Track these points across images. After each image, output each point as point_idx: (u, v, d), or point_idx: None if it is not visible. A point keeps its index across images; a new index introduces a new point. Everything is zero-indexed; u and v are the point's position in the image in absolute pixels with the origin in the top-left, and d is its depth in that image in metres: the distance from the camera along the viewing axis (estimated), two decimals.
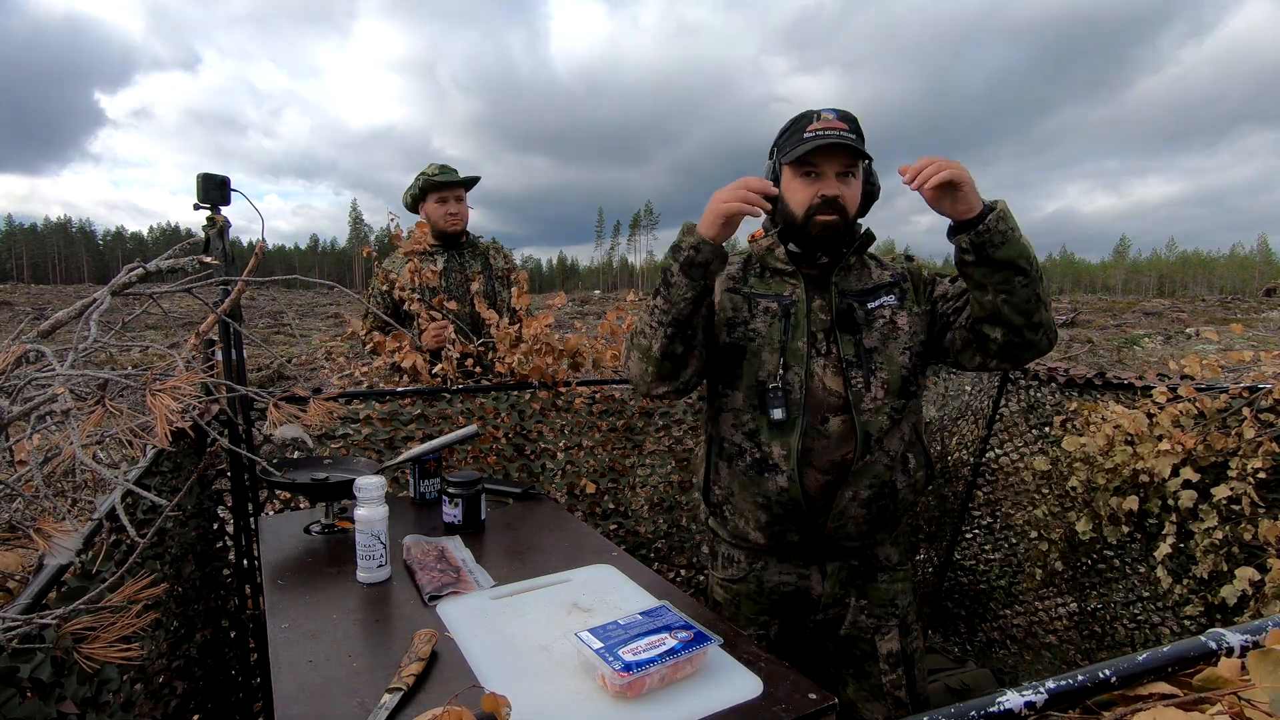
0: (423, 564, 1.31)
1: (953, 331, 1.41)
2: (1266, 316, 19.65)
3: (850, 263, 1.45)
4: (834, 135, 1.33)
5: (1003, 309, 1.28)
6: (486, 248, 2.84)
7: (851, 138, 1.34)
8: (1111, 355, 12.83)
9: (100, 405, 0.87)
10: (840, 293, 1.43)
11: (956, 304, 1.41)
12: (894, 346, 1.41)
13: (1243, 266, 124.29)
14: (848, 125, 1.35)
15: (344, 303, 25.16)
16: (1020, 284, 1.25)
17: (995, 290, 1.27)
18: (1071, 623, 2.30)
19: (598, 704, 0.90)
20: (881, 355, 1.40)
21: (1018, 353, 1.33)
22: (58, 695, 0.80)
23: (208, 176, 1.76)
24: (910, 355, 1.42)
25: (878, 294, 1.44)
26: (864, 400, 1.37)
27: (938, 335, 1.45)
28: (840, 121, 1.35)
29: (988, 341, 1.34)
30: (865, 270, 1.47)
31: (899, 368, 1.40)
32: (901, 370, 1.40)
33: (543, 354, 2.26)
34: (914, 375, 1.43)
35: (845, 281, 1.44)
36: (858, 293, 1.43)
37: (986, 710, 0.55)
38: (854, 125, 1.36)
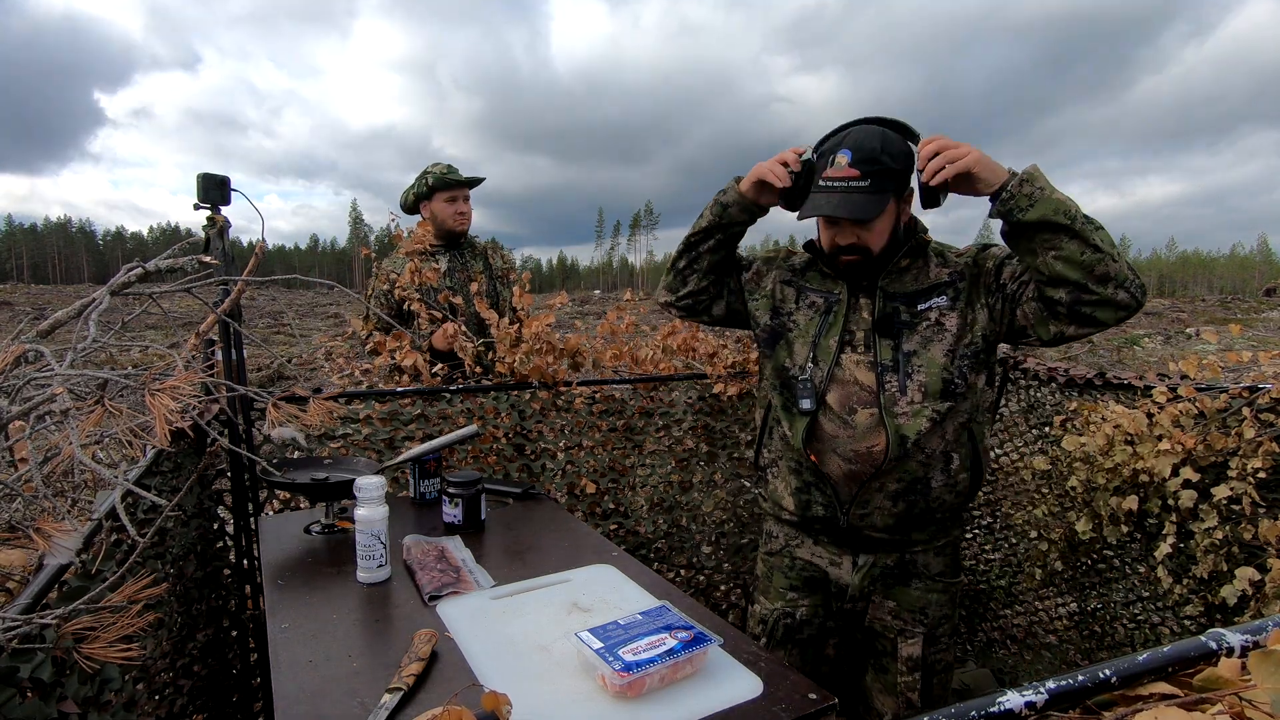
0: (423, 564, 1.31)
1: (1023, 306, 1.36)
2: (1266, 316, 19.65)
3: (901, 265, 1.43)
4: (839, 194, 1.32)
5: (1057, 266, 1.24)
6: (485, 247, 2.84)
7: (863, 186, 1.30)
8: (1111, 355, 12.83)
9: (100, 405, 0.87)
10: (888, 295, 1.42)
11: (1023, 278, 1.36)
12: (936, 348, 1.38)
13: (1243, 266, 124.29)
14: (861, 171, 1.30)
15: (344, 303, 25.17)
16: (1066, 239, 1.22)
17: (1044, 250, 1.25)
18: (1071, 623, 2.30)
19: (598, 704, 0.90)
20: (921, 358, 1.38)
21: (1090, 310, 1.26)
22: (58, 695, 0.80)
23: (208, 176, 1.76)
24: (955, 356, 1.38)
25: (930, 295, 1.41)
26: (898, 404, 1.38)
27: (1011, 315, 1.38)
28: (854, 167, 1.30)
29: (1056, 305, 1.28)
30: (922, 269, 1.44)
31: (939, 369, 1.37)
32: (942, 372, 1.38)
33: (543, 354, 2.26)
34: (961, 376, 1.39)
35: (897, 283, 1.43)
36: (909, 294, 1.42)
37: (986, 710, 0.55)
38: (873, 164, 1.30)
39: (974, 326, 1.40)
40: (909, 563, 1.49)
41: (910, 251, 1.43)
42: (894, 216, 1.39)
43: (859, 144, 1.32)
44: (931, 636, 1.48)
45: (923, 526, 1.45)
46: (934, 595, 1.49)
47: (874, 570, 1.49)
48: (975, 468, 1.43)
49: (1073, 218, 1.22)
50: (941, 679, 1.51)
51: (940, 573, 1.50)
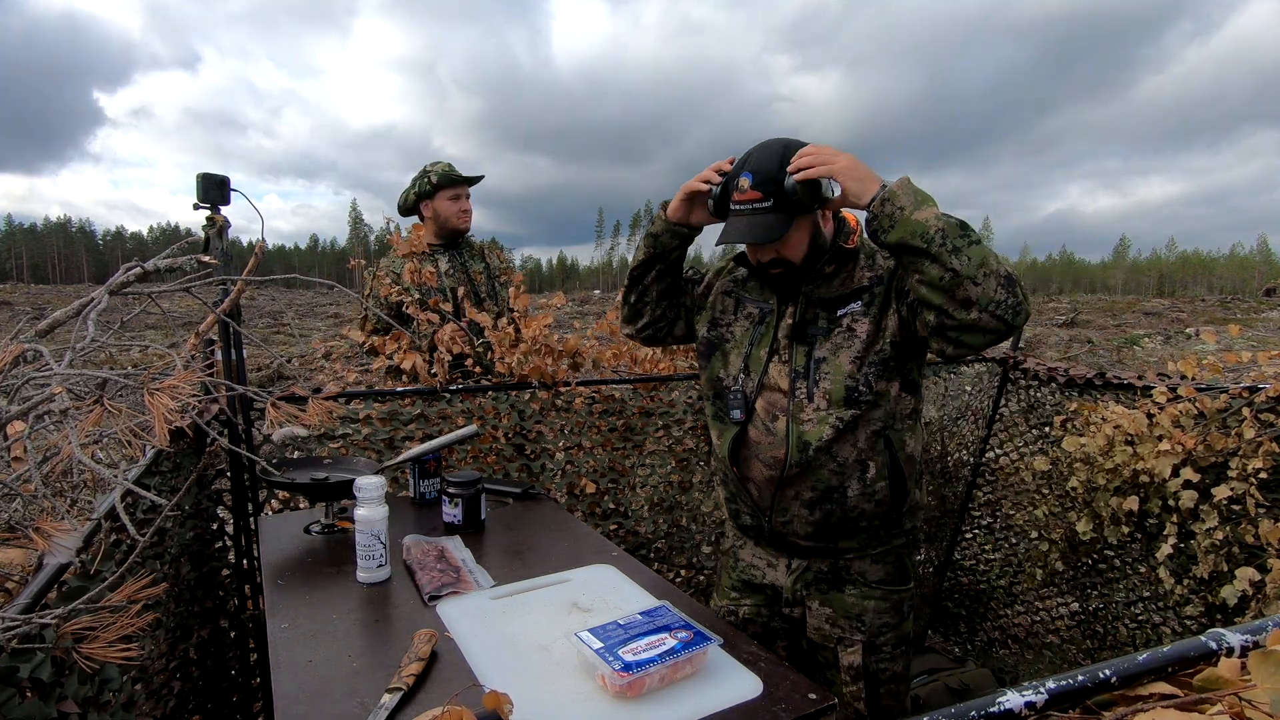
0: (422, 564, 1.31)
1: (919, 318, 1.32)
2: (1266, 316, 19.66)
3: (826, 271, 1.42)
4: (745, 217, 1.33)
5: (920, 290, 1.22)
6: (483, 247, 2.83)
7: (767, 207, 1.31)
8: (1111, 355, 12.83)
9: (99, 405, 0.87)
10: (810, 301, 1.42)
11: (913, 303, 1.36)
12: (845, 355, 1.37)
13: (1242, 266, 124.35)
14: (763, 193, 1.31)
15: (344, 302, 25.17)
16: (926, 262, 1.19)
17: (910, 271, 1.24)
18: (1072, 622, 2.30)
19: (598, 704, 0.90)
20: (829, 365, 1.38)
21: (956, 334, 1.22)
22: (58, 695, 0.80)
23: (207, 176, 1.76)
24: (863, 363, 1.37)
25: (848, 300, 1.40)
26: (805, 410, 1.38)
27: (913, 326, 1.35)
28: (755, 189, 1.32)
29: (929, 326, 1.26)
30: (849, 275, 1.42)
31: (844, 376, 1.36)
32: (846, 380, 1.36)
33: (542, 354, 2.26)
34: (867, 383, 1.36)
35: (822, 289, 1.42)
36: (830, 300, 1.41)
37: (986, 710, 0.55)
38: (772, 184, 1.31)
39: (885, 333, 1.37)
40: (842, 569, 1.47)
41: (835, 257, 1.41)
42: (810, 227, 1.38)
43: (758, 166, 1.32)
44: (872, 645, 1.45)
45: (849, 535, 1.43)
46: (871, 602, 1.46)
47: (806, 574, 1.48)
48: (895, 476, 1.39)
49: (929, 240, 1.18)
50: (891, 690, 1.47)
51: (880, 580, 1.47)
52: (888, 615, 1.46)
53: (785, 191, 1.29)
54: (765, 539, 1.52)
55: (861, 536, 1.44)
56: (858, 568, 1.46)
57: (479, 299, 2.68)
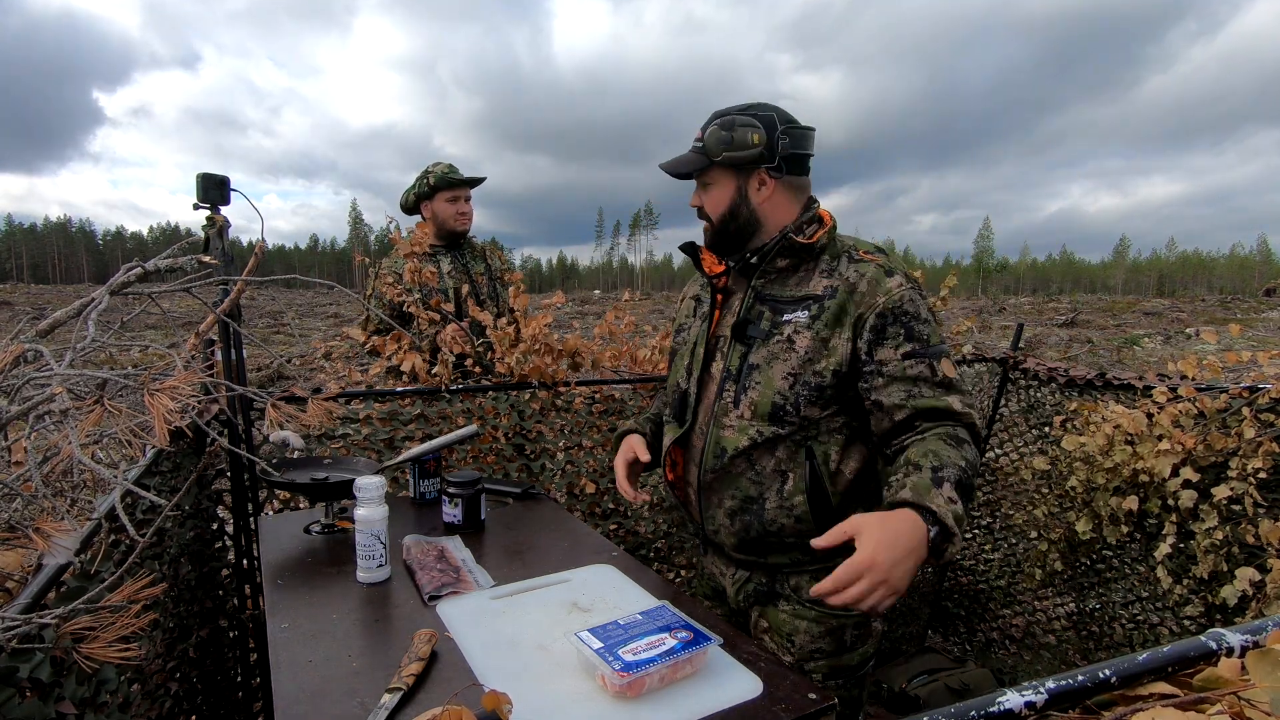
0: (422, 564, 1.31)
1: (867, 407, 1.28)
2: (1266, 316, 19.66)
3: (779, 265, 1.34)
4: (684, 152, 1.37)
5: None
6: (484, 248, 2.84)
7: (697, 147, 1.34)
8: (1111, 355, 12.83)
9: (99, 405, 0.87)
10: (760, 297, 1.35)
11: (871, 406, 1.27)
12: (779, 368, 1.28)
13: (1242, 266, 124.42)
14: (701, 135, 1.34)
15: (344, 302, 25.16)
16: None
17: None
18: (1070, 623, 2.30)
19: (598, 704, 0.90)
20: (762, 374, 1.30)
21: None
22: (57, 695, 0.80)
23: (207, 176, 1.76)
24: (796, 381, 1.27)
25: (796, 306, 1.31)
26: (729, 415, 1.33)
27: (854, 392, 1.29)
28: (700, 129, 1.35)
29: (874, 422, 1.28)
30: (808, 275, 1.33)
31: (774, 391, 1.28)
32: (775, 395, 1.28)
33: (542, 354, 2.26)
34: (795, 405, 1.27)
35: (775, 286, 1.35)
36: (780, 300, 1.33)
37: (986, 710, 0.55)
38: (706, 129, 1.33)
39: (830, 357, 1.26)
40: (779, 582, 1.39)
41: (789, 251, 1.33)
42: (732, 187, 1.34)
43: (717, 111, 1.35)
44: (799, 669, 1.32)
45: (778, 549, 1.35)
46: (803, 623, 1.34)
47: (747, 585, 1.42)
48: (816, 492, 1.29)
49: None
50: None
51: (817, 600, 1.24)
52: (821, 641, 1.33)
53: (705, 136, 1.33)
54: (710, 547, 1.48)
55: (793, 553, 1.35)
56: (794, 582, 1.37)
57: (480, 300, 2.68)
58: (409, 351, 2.24)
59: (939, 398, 1.22)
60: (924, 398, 1.22)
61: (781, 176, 1.33)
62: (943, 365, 1.24)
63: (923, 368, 1.23)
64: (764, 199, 1.34)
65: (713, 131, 1.31)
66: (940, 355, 1.25)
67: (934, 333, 1.26)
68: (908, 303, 1.25)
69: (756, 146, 1.29)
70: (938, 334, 1.26)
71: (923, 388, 1.23)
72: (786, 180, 1.34)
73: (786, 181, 1.34)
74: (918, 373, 1.23)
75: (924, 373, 1.23)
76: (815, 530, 1.27)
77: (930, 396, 1.23)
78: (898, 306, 1.25)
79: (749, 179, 1.33)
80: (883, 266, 1.28)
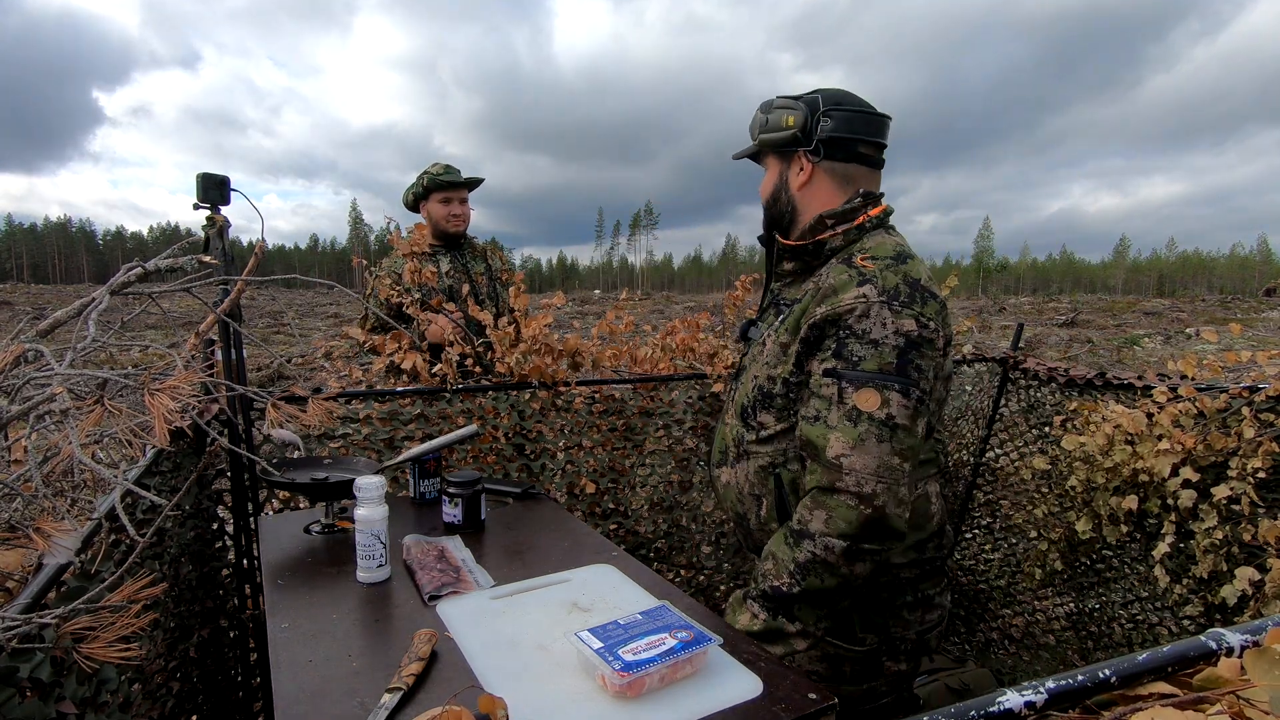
0: (422, 564, 1.31)
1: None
2: (1266, 316, 19.66)
3: (785, 269, 1.34)
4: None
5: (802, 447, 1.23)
6: (484, 248, 2.84)
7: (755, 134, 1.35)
8: (1111, 355, 12.83)
9: (99, 405, 0.87)
10: (775, 303, 1.37)
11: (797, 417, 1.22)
12: (752, 370, 1.31)
13: (1243, 266, 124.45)
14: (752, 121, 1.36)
15: (344, 302, 25.16)
16: None
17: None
18: (1070, 622, 2.30)
19: (598, 704, 0.90)
20: (745, 375, 1.34)
21: None
22: (57, 695, 0.80)
23: (207, 176, 1.76)
24: (755, 385, 1.27)
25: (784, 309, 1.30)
26: (729, 412, 1.39)
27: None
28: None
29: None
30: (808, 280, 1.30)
31: (745, 394, 1.31)
32: (744, 397, 1.30)
33: (542, 354, 2.26)
34: (753, 408, 1.26)
35: (788, 290, 1.35)
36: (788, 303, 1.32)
37: (986, 710, 0.55)
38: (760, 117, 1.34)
39: (785, 363, 1.23)
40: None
41: (791, 253, 1.32)
42: (776, 173, 1.35)
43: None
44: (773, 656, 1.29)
45: None
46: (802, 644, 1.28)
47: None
48: (785, 516, 1.25)
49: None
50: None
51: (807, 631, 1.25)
52: (818, 664, 1.27)
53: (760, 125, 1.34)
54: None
55: None
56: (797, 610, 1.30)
57: (479, 300, 2.69)
58: (409, 351, 2.24)
59: (825, 433, 1.11)
60: (816, 424, 1.14)
61: (820, 161, 1.27)
62: (859, 394, 1.10)
63: (833, 390, 1.12)
64: (802, 184, 1.30)
65: (757, 116, 1.33)
66: (863, 384, 1.10)
67: (872, 357, 1.11)
68: (855, 316, 1.13)
69: (790, 129, 1.26)
70: (878, 362, 1.11)
71: (828, 412, 1.12)
72: (827, 166, 1.27)
73: (828, 167, 1.27)
74: (829, 393, 1.13)
75: (833, 395, 1.12)
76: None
77: (819, 426, 1.13)
78: (838, 318, 1.15)
79: (789, 164, 1.32)
80: (861, 273, 1.16)
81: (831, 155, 1.26)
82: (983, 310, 25.49)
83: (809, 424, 1.15)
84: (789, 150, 1.30)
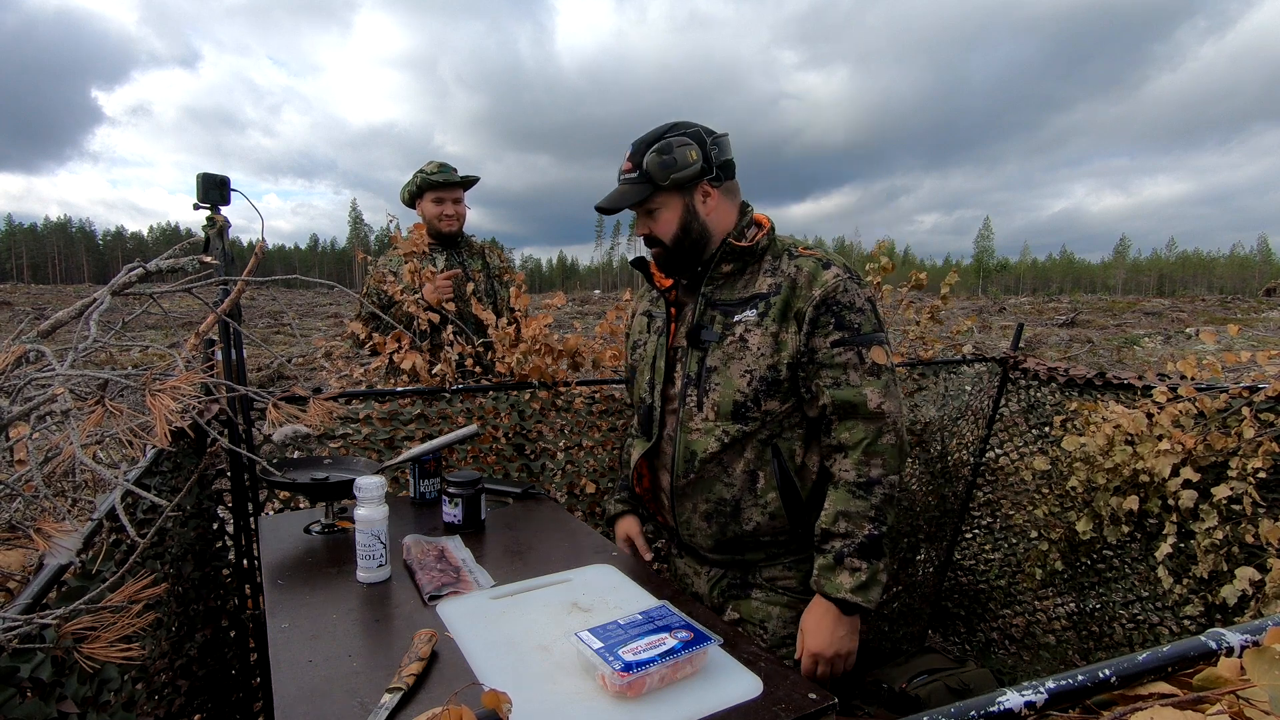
0: (422, 564, 1.32)
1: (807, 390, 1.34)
2: (1266, 316, 19.66)
3: (724, 270, 1.39)
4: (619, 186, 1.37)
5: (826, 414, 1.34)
6: (483, 246, 2.84)
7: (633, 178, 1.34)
8: (1111, 355, 12.83)
9: (100, 405, 0.87)
10: (710, 303, 1.39)
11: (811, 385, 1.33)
12: (736, 367, 1.34)
13: (1243, 266, 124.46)
14: (632, 164, 1.35)
15: (344, 303, 25.18)
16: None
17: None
18: (1071, 622, 2.30)
19: (598, 704, 0.90)
20: (720, 375, 1.35)
21: None
22: (58, 695, 0.80)
23: (207, 176, 1.76)
24: (753, 378, 1.32)
25: (744, 306, 1.35)
26: (694, 419, 1.38)
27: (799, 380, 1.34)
28: (629, 160, 1.36)
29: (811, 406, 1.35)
30: (753, 277, 1.38)
31: (734, 391, 1.33)
32: (736, 394, 1.33)
33: (542, 354, 2.26)
34: (755, 399, 1.32)
35: (723, 291, 1.39)
36: (730, 303, 1.37)
37: (986, 710, 0.55)
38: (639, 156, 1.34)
39: (782, 351, 1.32)
40: (752, 574, 1.44)
41: (732, 255, 1.38)
42: (680, 208, 1.36)
43: (639, 139, 1.36)
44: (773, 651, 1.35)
45: (753, 548, 1.41)
46: (776, 609, 1.40)
47: (722, 582, 1.47)
48: (786, 487, 1.35)
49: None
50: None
51: (791, 588, 1.41)
52: (793, 626, 1.38)
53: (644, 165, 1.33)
54: (684, 549, 1.53)
55: (769, 549, 1.41)
56: (767, 574, 1.43)
57: (477, 298, 2.69)
58: (409, 351, 2.24)
59: (858, 390, 1.28)
60: (845, 387, 1.29)
61: (720, 184, 1.38)
62: (872, 352, 1.30)
63: (850, 355, 1.29)
64: (710, 210, 1.39)
65: (651, 159, 1.32)
66: (871, 343, 1.30)
67: (866, 321, 1.31)
68: (840, 292, 1.31)
69: (696, 162, 1.33)
70: (871, 323, 1.31)
71: (850, 374, 1.29)
72: (725, 187, 1.39)
73: (725, 188, 1.39)
74: (846, 359, 1.29)
75: (851, 359, 1.29)
76: (789, 525, 1.38)
77: (852, 386, 1.29)
78: (830, 296, 1.31)
79: (693, 195, 1.37)
80: (820, 260, 1.34)
81: (728, 176, 1.39)
82: (983, 310, 25.49)
83: (836, 389, 1.30)
84: (691, 183, 1.35)
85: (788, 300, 1.33)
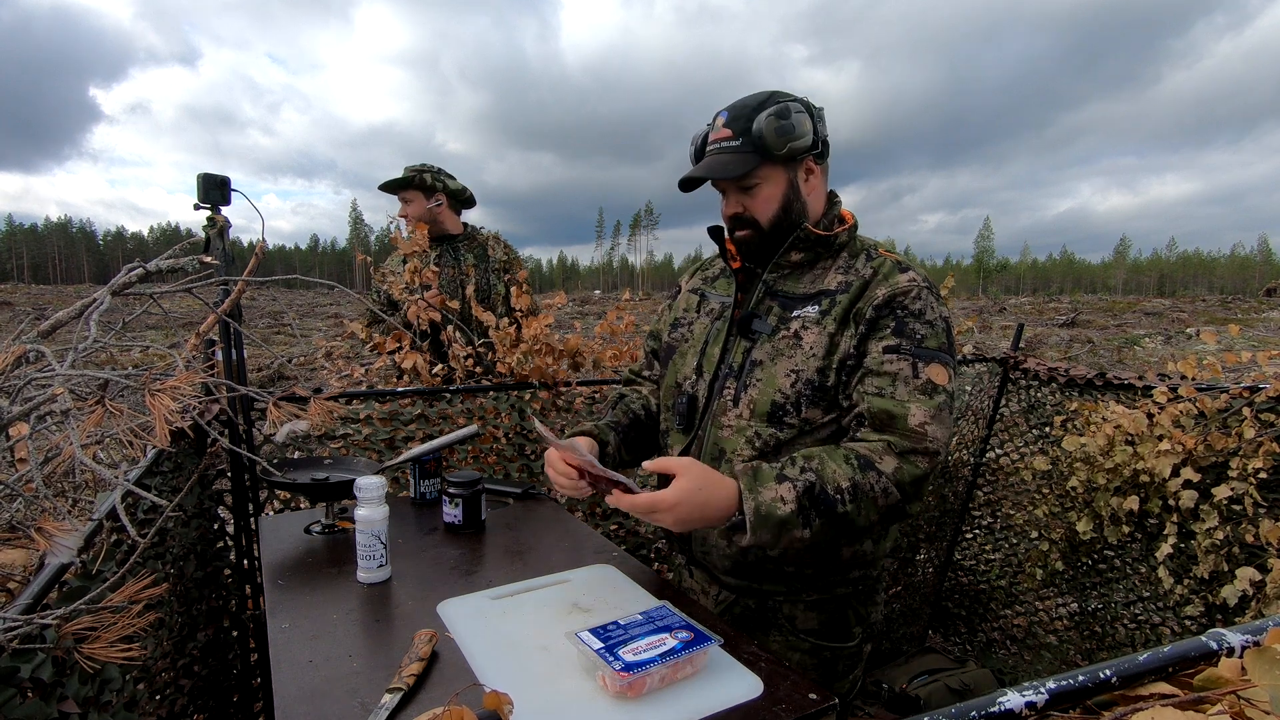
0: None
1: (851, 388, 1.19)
2: (1266, 316, 19.66)
3: (792, 259, 1.25)
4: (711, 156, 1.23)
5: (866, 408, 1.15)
6: (485, 239, 2.84)
7: (734, 146, 1.19)
8: (1112, 355, 12.83)
9: (100, 405, 0.87)
10: (770, 292, 1.26)
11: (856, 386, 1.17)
12: (783, 365, 1.20)
13: (1243, 266, 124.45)
14: (734, 130, 1.20)
15: (344, 303, 25.18)
16: None
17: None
18: (1072, 623, 2.30)
19: (598, 704, 0.90)
20: (764, 371, 1.21)
21: None
22: (59, 695, 0.80)
23: (208, 177, 1.76)
24: (798, 379, 1.18)
25: (807, 302, 1.22)
26: (727, 414, 1.24)
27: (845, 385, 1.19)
28: (727, 127, 1.21)
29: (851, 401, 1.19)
30: (824, 272, 1.24)
31: (774, 390, 1.20)
32: (776, 394, 1.19)
33: (542, 354, 2.26)
34: (795, 404, 1.18)
35: (788, 282, 1.26)
36: (792, 297, 1.24)
37: (987, 710, 0.55)
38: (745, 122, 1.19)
39: (834, 354, 1.18)
40: (771, 610, 1.31)
41: (802, 244, 1.24)
42: (784, 185, 1.22)
43: (736, 104, 1.22)
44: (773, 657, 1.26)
45: (774, 578, 1.27)
46: (795, 654, 1.29)
47: (734, 609, 1.34)
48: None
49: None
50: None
51: (812, 630, 1.29)
52: (813, 673, 1.29)
53: (753, 131, 1.18)
54: (694, 564, 1.41)
55: (791, 581, 1.27)
56: (787, 611, 1.30)
57: (477, 298, 2.69)
58: (410, 351, 2.24)
59: (903, 404, 1.11)
60: (888, 398, 1.12)
61: (823, 162, 1.26)
62: (930, 368, 1.12)
63: (904, 365, 1.12)
64: (811, 189, 1.25)
65: (767, 123, 1.16)
66: (932, 360, 1.13)
67: (933, 336, 1.14)
68: (910, 298, 1.15)
69: (809, 133, 1.20)
70: (939, 340, 1.15)
71: (898, 387, 1.12)
72: (824, 166, 1.27)
73: (825, 168, 1.27)
74: (897, 370, 1.13)
75: (904, 371, 1.12)
76: (825, 559, 1.23)
77: (896, 400, 1.11)
78: (895, 298, 1.16)
79: (798, 170, 1.23)
80: (899, 263, 1.21)
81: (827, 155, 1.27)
82: (983, 310, 25.49)
83: (879, 398, 1.13)
84: (799, 156, 1.22)
85: (854, 300, 1.18)
